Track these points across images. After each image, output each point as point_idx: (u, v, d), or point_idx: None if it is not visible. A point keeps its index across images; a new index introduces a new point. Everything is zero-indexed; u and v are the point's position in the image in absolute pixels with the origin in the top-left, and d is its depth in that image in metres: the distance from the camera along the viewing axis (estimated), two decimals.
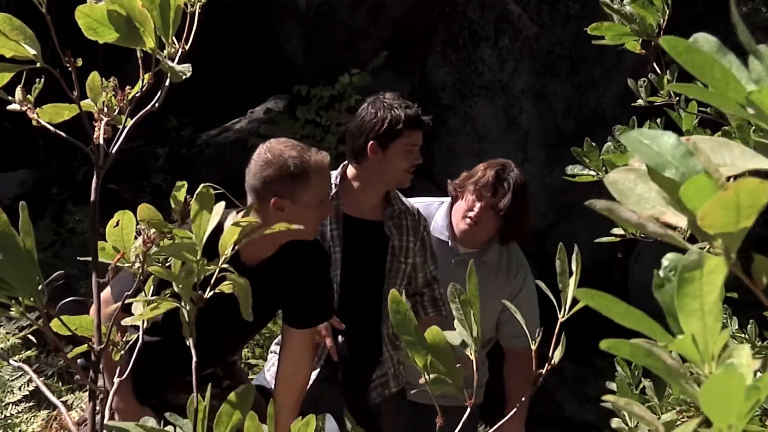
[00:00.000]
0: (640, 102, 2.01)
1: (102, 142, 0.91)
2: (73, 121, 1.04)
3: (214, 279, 0.98)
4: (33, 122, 0.97)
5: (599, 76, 6.56)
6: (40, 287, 0.78)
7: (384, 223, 2.79)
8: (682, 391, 0.53)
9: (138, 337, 1.05)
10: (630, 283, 6.48)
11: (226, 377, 2.54)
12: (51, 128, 0.96)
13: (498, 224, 2.84)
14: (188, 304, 0.96)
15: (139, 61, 0.92)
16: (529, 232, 3.11)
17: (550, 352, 1.05)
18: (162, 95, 0.92)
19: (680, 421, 1.96)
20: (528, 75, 6.59)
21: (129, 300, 1.01)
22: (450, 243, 2.93)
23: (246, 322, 2.70)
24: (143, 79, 0.92)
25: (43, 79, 1.01)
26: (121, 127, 0.93)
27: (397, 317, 0.95)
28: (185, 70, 0.87)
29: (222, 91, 7.02)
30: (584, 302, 0.56)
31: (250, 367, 4.65)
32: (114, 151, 0.91)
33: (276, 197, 2.23)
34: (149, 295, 1.04)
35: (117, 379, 0.96)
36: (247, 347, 4.68)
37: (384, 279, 2.77)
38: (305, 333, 2.49)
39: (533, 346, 1.11)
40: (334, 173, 2.72)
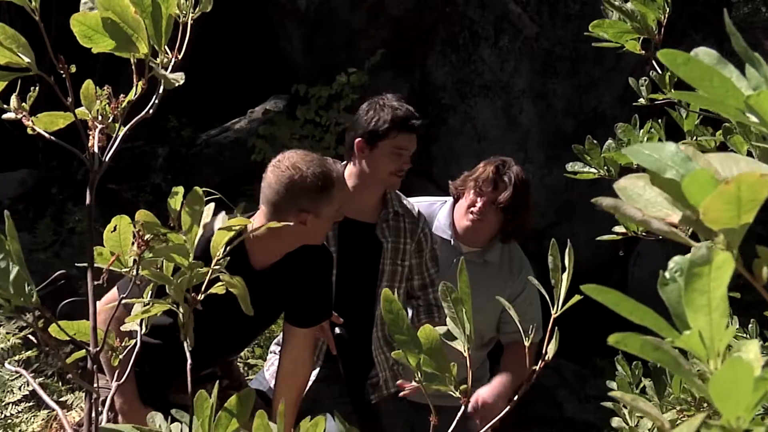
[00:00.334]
0: (641, 101, 2.00)
1: (96, 150, 0.91)
2: (70, 124, 1.04)
3: (207, 281, 0.98)
4: (29, 130, 0.97)
5: (599, 76, 6.55)
6: (29, 288, 0.79)
7: (377, 225, 2.78)
8: (690, 385, 0.54)
9: (138, 339, 1.05)
10: (630, 283, 6.48)
11: (225, 376, 2.56)
12: (47, 136, 0.97)
13: (500, 220, 2.84)
14: (182, 306, 0.96)
15: (133, 66, 0.93)
16: (530, 230, 3.10)
17: (544, 347, 1.06)
18: (156, 102, 0.92)
19: (680, 420, 1.96)
20: (528, 75, 6.59)
21: (126, 301, 1.01)
22: (453, 242, 2.93)
23: (250, 323, 2.71)
24: (137, 86, 0.92)
25: (38, 87, 1.01)
26: (115, 134, 0.93)
27: (389, 316, 0.95)
28: (178, 78, 0.87)
29: (222, 91, 7.02)
30: (594, 298, 0.58)
31: (250, 367, 4.65)
32: (107, 158, 0.91)
33: (300, 212, 2.23)
34: (148, 298, 1.05)
35: (115, 383, 0.96)
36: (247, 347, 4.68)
37: (377, 281, 2.77)
38: (307, 332, 2.52)
39: (535, 340, 1.12)
40: None
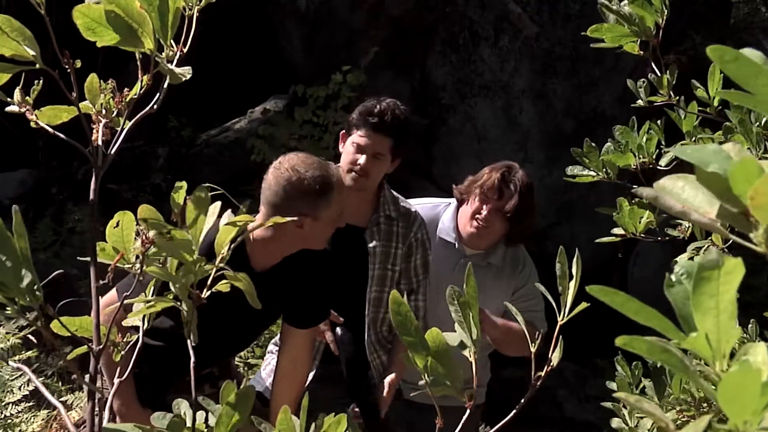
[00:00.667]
0: (639, 102, 2.01)
1: (100, 144, 0.91)
2: (72, 121, 1.04)
3: (211, 278, 0.98)
4: (32, 124, 0.97)
5: (599, 76, 6.56)
6: (35, 287, 0.78)
7: (367, 229, 2.75)
8: (697, 387, 0.55)
9: (138, 340, 1.05)
10: (629, 284, 6.49)
11: (223, 376, 2.57)
12: (50, 130, 0.96)
13: (505, 226, 2.84)
14: (186, 303, 0.96)
15: (138, 62, 0.92)
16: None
17: (550, 353, 1.05)
18: (161, 97, 0.91)
19: (680, 420, 1.96)
20: (528, 75, 6.59)
21: (128, 300, 1.01)
22: (456, 245, 2.92)
23: (249, 324, 2.70)
24: (142, 81, 0.92)
25: (41, 81, 1.01)
26: (120, 128, 0.93)
27: (398, 318, 0.95)
28: (185, 72, 0.87)
29: (222, 91, 7.02)
30: (599, 298, 0.58)
31: (250, 367, 4.65)
32: (112, 152, 0.91)
33: (299, 215, 2.24)
34: (149, 297, 1.05)
35: (117, 380, 0.96)
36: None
37: (366, 285, 2.75)
38: (306, 333, 2.53)
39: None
40: None
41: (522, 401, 1.02)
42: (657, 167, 2.04)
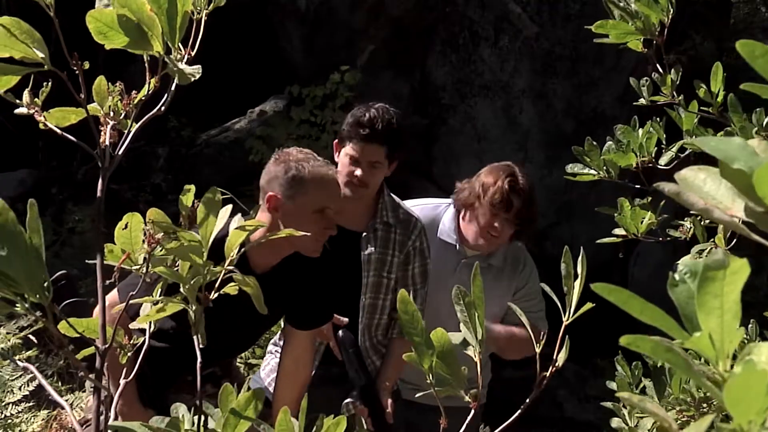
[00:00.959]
0: (641, 101, 2.01)
1: (108, 146, 0.92)
2: (76, 123, 1.04)
3: (219, 281, 0.99)
4: (41, 125, 0.97)
5: (599, 76, 6.56)
6: (46, 284, 0.79)
7: (363, 236, 2.73)
8: (701, 387, 0.55)
9: (144, 341, 1.05)
10: (630, 284, 6.49)
11: (225, 376, 2.58)
12: (58, 131, 0.97)
13: (513, 231, 2.85)
14: (194, 305, 0.97)
15: (146, 64, 0.93)
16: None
17: (554, 354, 1.05)
18: (168, 99, 0.92)
19: (680, 420, 1.97)
20: (528, 75, 6.59)
21: (134, 301, 1.01)
22: (457, 246, 2.92)
23: (251, 325, 2.70)
24: (149, 83, 0.92)
25: (50, 83, 1.01)
26: (127, 130, 0.94)
27: (405, 317, 0.95)
28: (194, 71, 0.87)
29: (222, 91, 7.02)
30: (603, 296, 0.58)
31: (250, 367, 4.66)
32: (120, 153, 0.92)
33: (273, 194, 2.27)
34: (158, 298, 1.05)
35: (123, 380, 0.96)
36: None
37: (360, 292, 2.73)
38: (308, 333, 2.55)
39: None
40: None
41: (527, 401, 1.02)
42: (656, 166, 2.05)
